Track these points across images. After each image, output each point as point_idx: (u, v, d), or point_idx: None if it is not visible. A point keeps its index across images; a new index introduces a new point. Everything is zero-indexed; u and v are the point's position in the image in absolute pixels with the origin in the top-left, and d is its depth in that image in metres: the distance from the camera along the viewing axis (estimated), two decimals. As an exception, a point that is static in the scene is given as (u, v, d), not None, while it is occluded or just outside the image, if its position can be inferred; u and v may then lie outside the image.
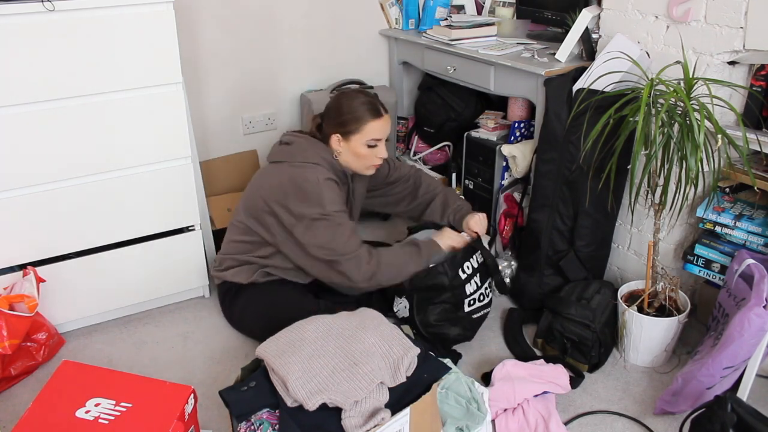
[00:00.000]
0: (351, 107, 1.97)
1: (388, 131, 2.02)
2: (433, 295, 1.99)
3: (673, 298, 1.98)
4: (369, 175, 2.10)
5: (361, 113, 1.96)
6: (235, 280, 2.10)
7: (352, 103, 1.98)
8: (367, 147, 1.99)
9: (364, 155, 2.00)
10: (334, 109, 2.01)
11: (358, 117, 1.96)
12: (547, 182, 2.15)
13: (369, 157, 2.01)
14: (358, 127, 1.96)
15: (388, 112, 2.02)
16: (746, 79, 1.90)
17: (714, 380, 1.64)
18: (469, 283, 2.02)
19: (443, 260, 2.00)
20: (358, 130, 1.96)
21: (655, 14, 1.97)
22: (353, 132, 1.97)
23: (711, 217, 1.92)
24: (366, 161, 2.02)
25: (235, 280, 2.10)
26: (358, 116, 1.96)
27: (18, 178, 1.94)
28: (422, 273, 1.99)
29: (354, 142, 1.98)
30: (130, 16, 1.91)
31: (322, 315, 1.69)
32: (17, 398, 1.94)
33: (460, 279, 2.00)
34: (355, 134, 1.97)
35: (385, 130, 2.00)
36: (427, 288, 1.99)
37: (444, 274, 1.97)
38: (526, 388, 1.78)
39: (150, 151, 2.10)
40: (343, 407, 1.44)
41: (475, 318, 2.07)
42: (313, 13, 2.79)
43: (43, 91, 1.88)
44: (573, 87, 2.04)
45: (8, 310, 1.91)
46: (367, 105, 1.97)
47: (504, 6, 2.77)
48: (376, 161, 2.03)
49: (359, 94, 2.02)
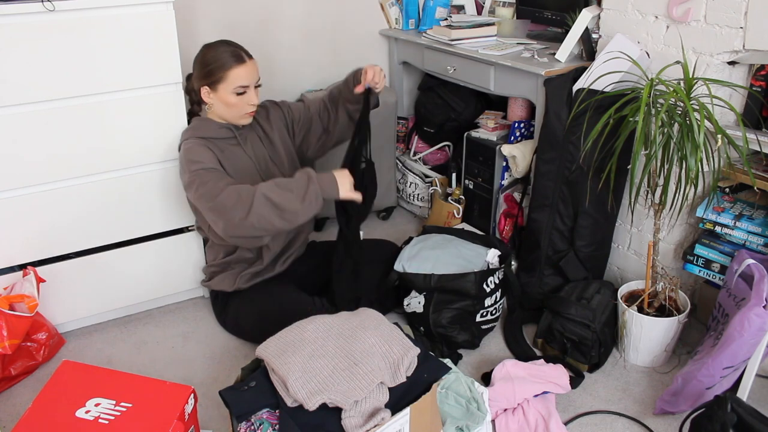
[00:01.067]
0: (213, 57, 1.93)
1: (256, 77, 1.98)
2: (454, 298, 2.00)
3: (673, 298, 1.98)
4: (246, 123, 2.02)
5: (223, 60, 1.91)
6: (220, 288, 2.13)
7: (214, 52, 1.94)
8: (236, 95, 1.94)
9: (234, 104, 1.95)
10: (199, 62, 1.97)
11: (221, 65, 1.91)
12: (547, 182, 2.15)
13: (239, 105, 1.96)
14: (223, 75, 1.92)
15: (252, 57, 1.97)
16: (746, 79, 1.90)
17: (714, 380, 1.64)
18: (490, 297, 2.05)
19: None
20: (224, 78, 1.92)
21: (655, 14, 1.97)
22: (219, 81, 1.93)
23: (711, 217, 1.92)
24: (238, 110, 1.97)
25: (220, 288, 2.13)
26: (220, 64, 1.91)
27: (18, 178, 1.94)
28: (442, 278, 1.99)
29: (221, 92, 1.94)
30: (130, 17, 1.91)
31: (322, 315, 1.69)
32: (17, 398, 1.94)
33: (485, 291, 2.02)
34: (221, 83, 1.93)
35: (251, 76, 1.95)
36: (452, 291, 2.00)
37: (473, 282, 1.99)
38: (526, 388, 1.78)
39: (150, 151, 2.10)
40: (343, 407, 1.44)
41: (484, 329, 2.10)
42: (313, 13, 2.79)
43: (43, 91, 1.88)
44: (573, 87, 2.04)
45: (8, 310, 1.91)
46: (229, 52, 1.93)
47: (504, 6, 2.77)
48: (248, 108, 1.98)
49: (221, 43, 1.97)
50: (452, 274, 2.01)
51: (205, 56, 1.96)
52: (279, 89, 2.83)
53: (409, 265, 2.08)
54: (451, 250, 2.14)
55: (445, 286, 2.00)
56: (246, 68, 1.94)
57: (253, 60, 1.98)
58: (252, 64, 1.97)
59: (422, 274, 2.03)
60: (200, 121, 2.04)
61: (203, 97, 1.99)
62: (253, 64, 1.97)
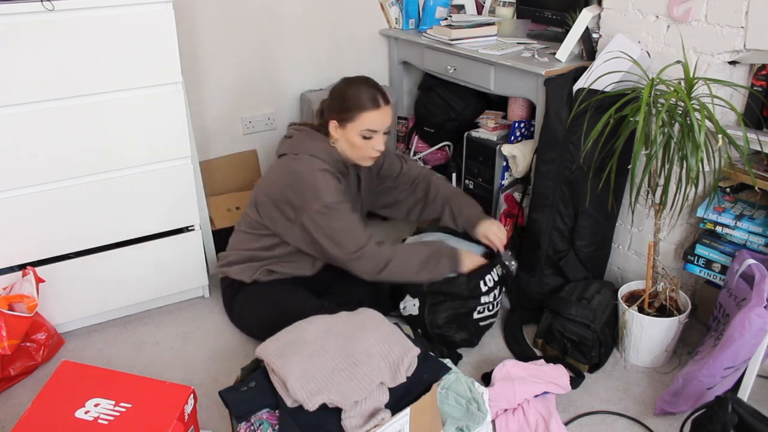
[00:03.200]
0: (351, 94, 1.92)
1: (388, 123, 1.97)
2: (448, 299, 2.00)
3: (674, 298, 1.98)
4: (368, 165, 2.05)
5: (359, 101, 1.91)
6: (239, 277, 2.09)
7: (353, 90, 1.93)
8: (362, 138, 1.93)
9: (359, 146, 1.95)
10: (336, 94, 1.98)
11: (355, 105, 1.91)
12: (547, 182, 2.14)
13: (364, 148, 1.96)
14: (354, 115, 1.91)
15: (389, 103, 1.97)
16: (747, 79, 1.89)
17: (714, 380, 1.64)
18: (487, 295, 2.04)
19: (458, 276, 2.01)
20: (354, 118, 1.91)
21: (656, 14, 1.97)
22: (349, 120, 1.92)
23: (711, 217, 1.92)
24: (361, 152, 1.97)
25: (239, 277, 2.09)
26: (355, 104, 1.91)
27: (18, 178, 1.94)
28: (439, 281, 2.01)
29: (349, 131, 1.93)
30: (130, 16, 1.91)
31: (322, 315, 1.69)
32: (17, 398, 1.93)
33: (480, 290, 2.01)
34: (351, 122, 1.92)
35: (382, 122, 1.94)
36: (444, 293, 2.00)
37: (464, 285, 1.98)
38: (526, 388, 1.78)
39: (150, 151, 2.10)
40: (343, 407, 1.44)
41: (482, 326, 2.09)
42: (313, 13, 2.79)
43: (43, 91, 1.88)
44: (573, 87, 2.04)
45: (8, 310, 1.90)
46: (367, 94, 1.92)
47: (504, 6, 2.77)
48: (372, 153, 1.97)
49: (363, 83, 1.96)
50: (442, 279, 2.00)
51: (343, 91, 1.95)
52: (279, 89, 2.83)
53: None
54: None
55: (436, 290, 2.00)
56: (380, 114, 1.93)
57: (389, 106, 1.96)
58: (387, 110, 1.95)
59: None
60: (328, 146, 1.98)
61: (330, 130, 1.97)
62: (387, 111, 1.95)
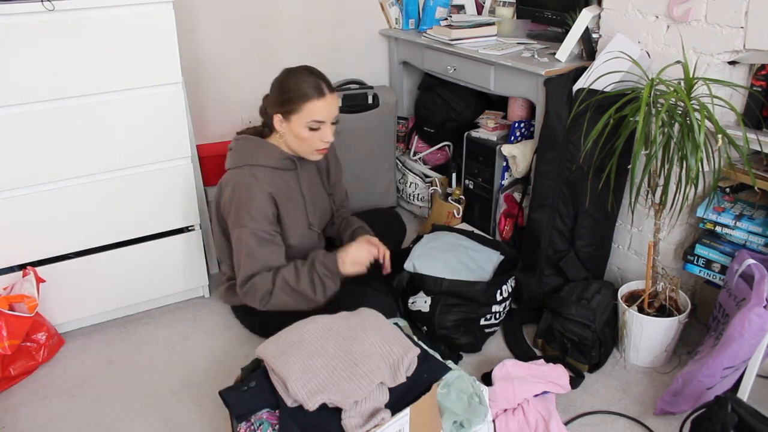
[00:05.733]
0: (292, 85, 1.82)
1: (335, 113, 1.87)
2: (462, 302, 2.01)
3: (674, 298, 1.98)
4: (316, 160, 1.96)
5: (302, 91, 1.81)
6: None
7: (293, 80, 1.83)
8: (309, 129, 1.84)
9: (306, 138, 1.85)
10: (277, 87, 1.87)
11: (298, 95, 1.81)
12: (547, 182, 2.14)
13: (311, 140, 1.86)
14: (298, 106, 1.81)
15: (334, 91, 1.87)
16: (746, 79, 1.90)
17: (714, 380, 1.64)
18: (499, 305, 2.05)
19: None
20: (298, 109, 1.82)
21: (656, 14, 1.97)
22: (293, 112, 1.82)
23: (711, 217, 1.92)
24: (308, 145, 1.87)
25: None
26: (298, 95, 1.81)
27: (18, 178, 1.94)
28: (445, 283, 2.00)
29: (295, 123, 1.84)
30: (130, 16, 1.91)
31: (322, 315, 1.69)
32: (17, 398, 1.94)
33: (495, 299, 2.02)
34: (295, 114, 1.82)
35: (329, 111, 1.85)
36: (460, 297, 2.00)
37: (482, 291, 1.98)
38: (526, 388, 1.78)
39: (150, 151, 2.10)
40: (343, 407, 1.44)
41: (487, 332, 2.10)
42: (313, 13, 2.79)
43: (43, 91, 1.88)
44: (573, 87, 2.04)
45: (8, 310, 1.91)
46: (309, 83, 1.82)
47: (504, 6, 2.77)
48: (320, 145, 1.88)
49: (305, 71, 1.86)
50: (463, 281, 2.00)
51: (283, 82, 1.86)
52: (279, 89, 2.83)
53: (420, 264, 2.07)
54: (462, 253, 2.14)
55: (454, 292, 2.00)
56: (325, 102, 1.83)
57: (334, 94, 1.87)
58: (332, 98, 1.85)
59: (433, 277, 2.01)
60: (262, 146, 1.91)
61: (275, 125, 1.88)
62: (333, 99, 1.86)
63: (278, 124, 1.88)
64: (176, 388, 1.96)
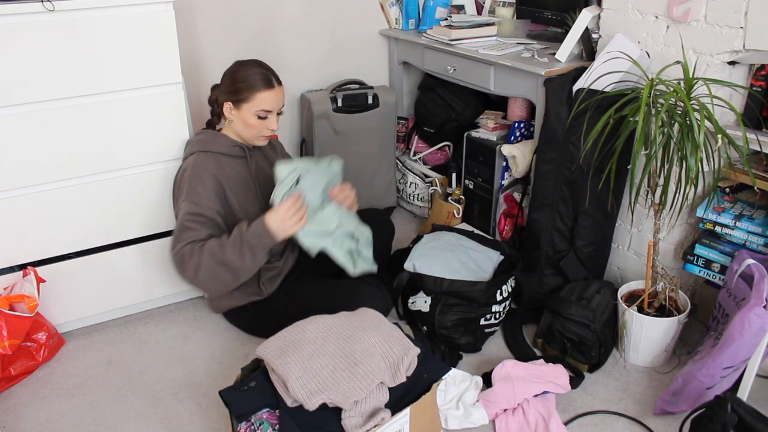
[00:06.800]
0: (244, 76, 1.95)
1: (281, 104, 2.00)
2: (462, 302, 2.01)
3: (673, 298, 1.98)
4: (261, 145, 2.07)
5: (252, 82, 1.94)
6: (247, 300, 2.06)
7: (245, 71, 1.95)
8: (257, 117, 1.96)
9: (254, 125, 1.98)
10: (228, 77, 1.99)
11: (249, 86, 1.93)
12: (547, 182, 2.15)
13: (258, 127, 1.99)
14: (249, 96, 1.94)
15: (281, 84, 2.00)
16: (746, 79, 1.90)
17: (714, 380, 1.64)
18: (499, 305, 2.05)
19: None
20: (249, 99, 1.94)
21: (655, 14, 1.97)
22: (244, 101, 1.94)
23: (711, 217, 1.92)
24: (255, 131, 2.00)
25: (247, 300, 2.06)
26: (249, 85, 1.93)
27: (18, 178, 1.94)
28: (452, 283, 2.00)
29: (244, 111, 1.96)
30: (130, 16, 1.91)
31: (322, 315, 1.69)
32: (17, 398, 1.94)
33: (495, 299, 2.02)
34: (246, 103, 1.94)
35: (276, 102, 1.98)
36: (460, 296, 2.00)
37: (483, 291, 1.99)
38: (526, 388, 1.78)
39: (150, 151, 2.10)
40: (343, 407, 1.45)
41: (487, 332, 2.10)
42: (313, 13, 2.79)
43: (43, 91, 1.88)
44: (573, 87, 2.04)
45: (8, 310, 1.91)
46: (260, 75, 1.95)
47: (504, 6, 2.77)
48: (266, 132, 2.01)
49: (254, 64, 1.99)
50: (463, 281, 2.00)
51: (236, 73, 1.97)
52: (279, 89, 2.83)
53: (420, 264, 2.08)
54: (462, 253, 2.14)
55: (454, 292, 2.00)
56: (273, 94, 1.96)
57: (282, 87, 2.00)
58: (280, 91, 1.98)
59: (433, 277, 2.02)
60: (213, 135, 2.04)
61: (225, 112, 2.00)
62: (280, 91, 1.99)
63: (228, 111, 1.99)
64: (176, 388, 1.96)
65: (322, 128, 2.72)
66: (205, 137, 2.04)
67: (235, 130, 2.03)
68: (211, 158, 1.97)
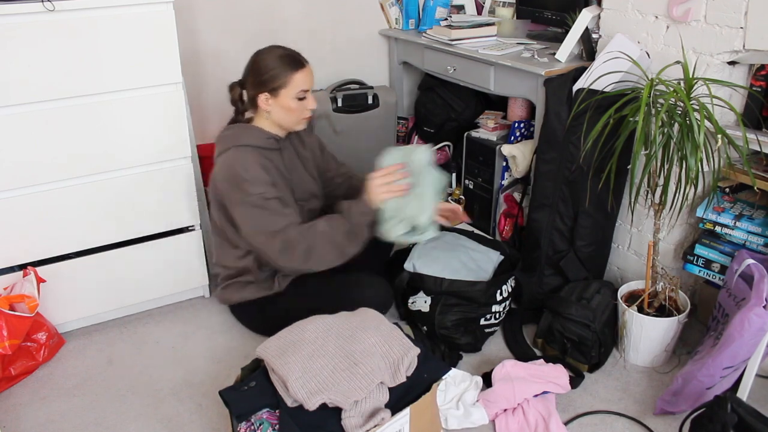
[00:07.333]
0: (272, 63, 1.92)
1: (313, 81, 1.99)
2: (462, 302, 2.01)
3: (673, 298, 1.98)
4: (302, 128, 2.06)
5: (284, 66, 1.91)
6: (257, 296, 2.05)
7: (271, 59, 1.93)
8: (297, 100, 1.94)
9: (294, 108, 1.95)
10: (254, 70, 1.95)
11: (282, 71, 1.91)
12: (547, 182, 2.15)
13: (299, 110, 1.97)
14: (285, 80, 1.91)
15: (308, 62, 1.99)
16: (746, 79, 1.90)
17: (714, 380, 1.64)
18: (499, 305, 2.05)
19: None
20: (286, 83, 1.91)
21: (655, 14, 1.97)
22: (281, 87, 1.92)
23: (711, 217, 1.92)
24: (297, 114, 1.98)
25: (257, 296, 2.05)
26: (282, 70, 1.91)
27: (18, 178, 1.94)
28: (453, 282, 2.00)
29: (283, 97, 1.93)
30: (130, 16, 1.91)
31: (322, 315, 1.69)
32: (17, 398, 1.94)
33: (495, 299, 2.02)
34: (284, 89, 1.92)
35: (310, 80, 1.97)
36: (460, 296, 2.00)
37: (482, 291, 1.99)
38: (526, 388, 1.78)
39: (150, 151, 2.10)
40: (343, 407, 1.45)
41: (487, 332, 2.10)
42: (313, 13, 2.79)
43: (43, 91, 1.88)
44: (573, 87, 2.04)
45: (8, 310, 1.91)
46: (288, 58, 1.93)
47: (504, 6, 2.77)
48: (306, 113, 2.00)
49: (278, 48, 1.96)
50: (463, 281, 2.00)
51: (262, 62, 1.93)
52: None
53: (420, 264, 2.07)
54: (462, 253, 2.14)
55: (454, 292, 2.00)
56: (306, 72, 1.95)
57: (309, 64, 1.98)
58: (310, 68, 1.97)
59: (433, 277, 2.02)
60: (246, 129, 1.99)
61: (261, 104, 1.95)
62: (310, 69, 1.97)
63: (264, 103, 1.95)
64: (176, 388, 1.96)
65: (322, 128, 2.72)
66: (237, 131, 1.98)
67: (274, 120, 1.98)
68: (249, 150, 1.94)
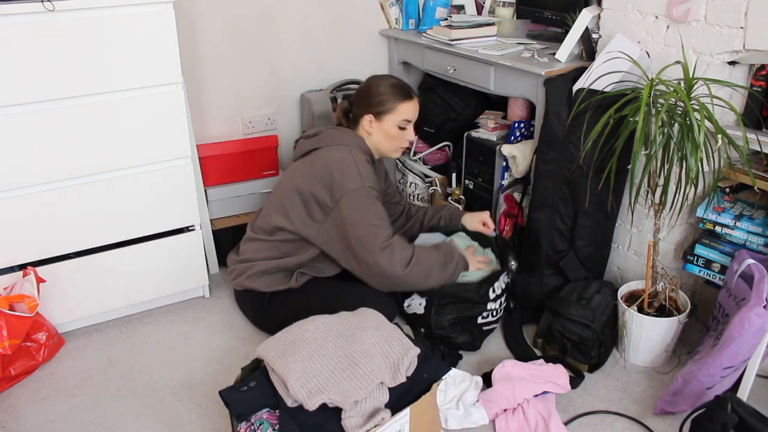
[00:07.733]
0: (384, 89, 2.04)
1: (417, 115, 2.09)
2: (456, 301, 2.01)
3: (673, 298, 1.98)
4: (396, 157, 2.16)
5: (394, 94, 2.03)
6: (269, 289, 2.07)
7: (384, 85, 2.05)
8: (398, 128, 2.05)
9: (395, 136, 2.06)
10: (366, 91, 2.07)
11: (393, 97, 2.03)
12: (547, 182, 2.14)
13: (398, 138, 2.07)
14: (392, 107, 2.02)
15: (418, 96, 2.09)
16: (746, 79, 1.90)
17: (714, 380, 1.64)
18: (493, 302, 2.05)
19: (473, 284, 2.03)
20: (392, 110, 2.03)
21: (655, 14, 1.97)
22: (387, 112, 2.03)
23: (711, 217, 1.92)
24: (395, 142, 2.08)
25: (269, 289, 2.07)
26: (393, 97, 2.03)
27: (18, 178, 1.94)
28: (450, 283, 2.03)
29: (386, 123, 2.04)
30: (130, 16, 1.91)
31: (322, 315, 1.69)
32: (17, 398, 1.94)
33: (488, 297, 2.03)
34: (389, 114, 2.03)
35: (415, 112, 2.08)
36: (453, 296, 2.01)
37: (474, 291, 1.99)
38: (526, 388, 1.78)
39: (150, 151, 2.10)
40: (343, 407, 1.45)
41: (485, 330, 2.10)
42: (313, 13, 2.79)
43: (43, 91, 1.88)
44: (573, 87, 2.04)
45: (8, 310, 1.91)
46: (401, 87, 2.06)
47: (504, 6, 2.77)
48: (404, 143, 2.10)
49: (392, 78, 2.10)
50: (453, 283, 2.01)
51: (375, 87, 2.06)
52: (279, 89, 2.83)
53: None
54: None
55: (446, 293, 2.00)
56: (413, 105, 2.07)
57: (418, 98, 2.10)
58: (417, 102, 2.09)
59: None
60: (355, 136, 2.07)
61: (364, 125, 2.07)
62: (417, 103, 2.09)
63: (368, 124, 2.07)
64: (176, 388, 1.96)
65: (322, 128, 2.72)
66: (349, 135, 2.05)
67: (373, 143, 2.09)
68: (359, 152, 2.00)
